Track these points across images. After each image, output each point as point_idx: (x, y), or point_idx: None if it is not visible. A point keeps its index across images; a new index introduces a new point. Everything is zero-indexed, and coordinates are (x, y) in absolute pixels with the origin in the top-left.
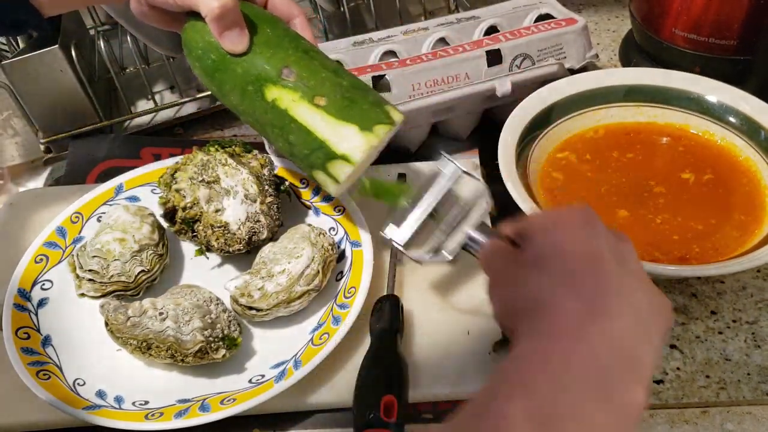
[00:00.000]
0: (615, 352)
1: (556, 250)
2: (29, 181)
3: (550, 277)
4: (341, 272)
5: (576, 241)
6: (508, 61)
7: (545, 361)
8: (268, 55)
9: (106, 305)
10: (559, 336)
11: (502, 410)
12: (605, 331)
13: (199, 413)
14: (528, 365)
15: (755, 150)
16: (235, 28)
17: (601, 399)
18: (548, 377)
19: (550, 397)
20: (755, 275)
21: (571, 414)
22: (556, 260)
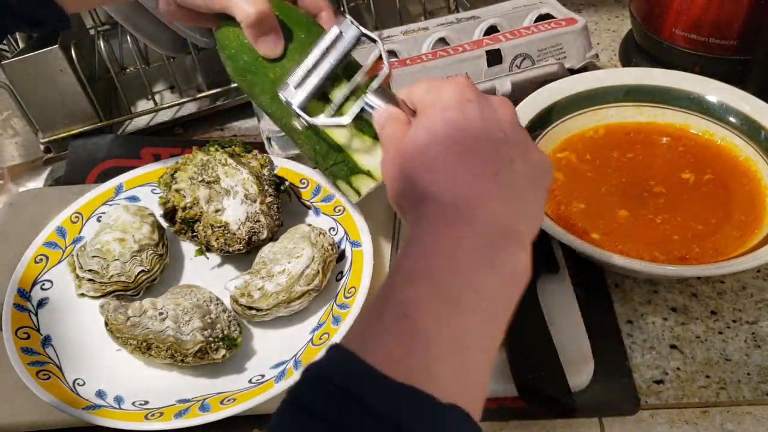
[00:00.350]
0: (493, 228)
1: (434, 136)
2: (29, 181)
3: (431, 164)
4: (341, 272)
5: (452, 124)
6: (508, 61)
7: (435, 245)
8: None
9: (106, 305)
10: (444, 222)
11: (406, 294)
12: (481, 211)
13: (199, 413)
14: (422, 250)
15: (755, 150)
16: (271, 33)
17: (489, 266)
18: (441, 258)
19: (446, 274)
20: (755, 275)
21: (467, 283)
22: (437, 147)
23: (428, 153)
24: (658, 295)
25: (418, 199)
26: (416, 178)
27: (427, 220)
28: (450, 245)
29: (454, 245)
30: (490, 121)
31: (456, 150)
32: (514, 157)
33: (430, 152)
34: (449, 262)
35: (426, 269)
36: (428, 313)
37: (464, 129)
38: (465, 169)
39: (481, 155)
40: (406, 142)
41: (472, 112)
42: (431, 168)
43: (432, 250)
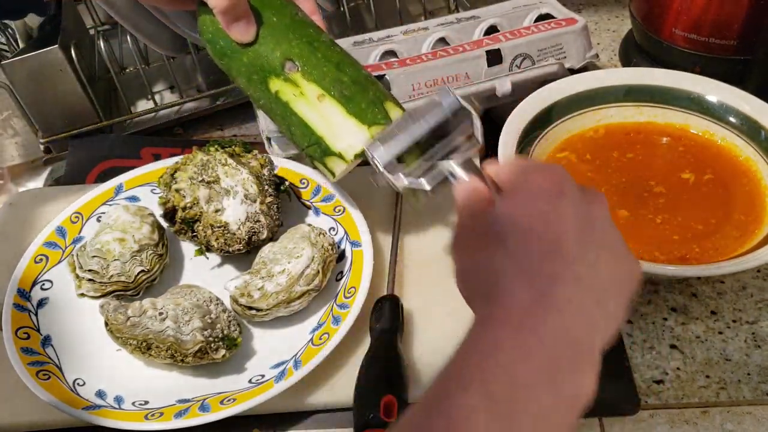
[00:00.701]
0: (564, 342)
1: (518, 226)
2: (29, 181)
3: (508, 258)
4: (341, 272)
5: (540, 217)
6: (508, 61)
7: (497, 351)
8: (272, 46)
9: (106, 305)
10: (510, 324)
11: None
12: (555, 321)
13: (199, 413)
14: (480, 356)
15: (755, 150)
16: (242, 19)
17: (552, 389)
18: (500, 370)
19: (504, 389)
20: (755, 275)
21: (525, 404)
22: (517, 237)
23: (507, 243)
24: (658, 295)
25: (487, 290)
26: (489, 269)
27: (493, 319)
28: (512, 355)
29: (516, 356)
30: (583, 218)
31: (538, 247)
32: (600, 261)
33: (510, 243)
34: (509, 376)
35: (483, 378)
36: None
37: (554, 222)
38: (544, 269)
39: (565, 255)
40: (486, 224)
41: (564, 206)
42: (508, 261)
43: (492, 357)
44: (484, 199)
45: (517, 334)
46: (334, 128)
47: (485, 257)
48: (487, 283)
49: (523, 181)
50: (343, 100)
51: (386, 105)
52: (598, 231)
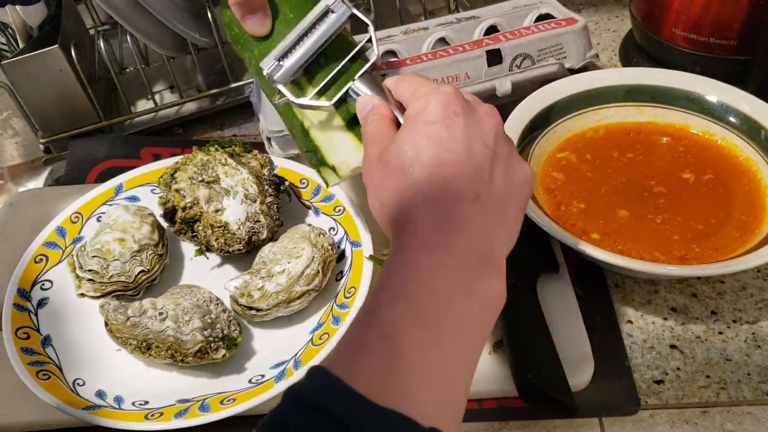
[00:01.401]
0: (471, 255)
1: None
2: (29, 181)
3: (413, 186)
4: (341, 272)
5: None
6: (508, 61)
7: (415, 270)
8: None
9: (105, 305)
10: (422, 246)
11: (388, 317)
12: (461, 238)
13: (199, 413)
14: (402, 276)
15: (755, 150)
16: (258, 12)
17: (466, 294)
18: (420, 284)
19: (425, 300)
20: (755, 275)
21: (445, 309)
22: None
23: (413, 173)
24: (658, 295)
25: (400, 218)
26: (399, 199)
27: (408, 244)
28: (429, 271)
29: (432, 271)
30: (475, 137)
31: (439, 172)
32: (496, 175)
33: (415, 172)
34: (428, 288)
35: (406, 294)
36: (409, 337)
37: (448, 148)
38: (447, 193)
39: (464, 177)
40: (391, 156)
41: (457, 129)
42: (414, 190)
43: (412, 275)
44: (388, 117)
45: (430, 254)
46: (333, 140)
47: (393, 187)
48: (398, 211)
49: (421, 106)
50: (344, 112)
51: None
52: (491, 145)
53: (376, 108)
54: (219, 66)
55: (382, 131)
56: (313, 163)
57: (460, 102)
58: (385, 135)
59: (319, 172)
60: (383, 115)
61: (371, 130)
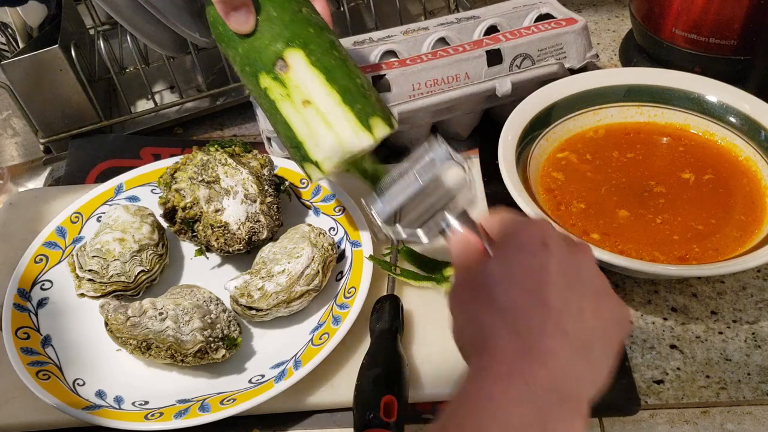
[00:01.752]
0: (552, 393)
1: (505, 280)
2: (29, 181)
3: (496, 312)
4: (341, 272)
5: (525, 271)
6: (508, 61)
7: (487, 401)
8: (267, 41)
9: (106, 305)
10: (501, 376)
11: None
12: (542, 373)
13: (199, 413)
14: (473, 405)
15: (755, 150)
16: (242, 9)
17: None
18: (490, 418)
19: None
20: (755, 275)
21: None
22: (504, 292)
23: (498, 298)
24: (658, 295)
25: (479, 343)
26: (480, 323)
27: (484, 371)
28: (501, 404)
29: (505, 405)
30: (567, 269)
31: (527, 297)
32: (586, 310)
33: (500, 298)
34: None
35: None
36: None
37: (539, 275)
38: (533, 321)
39: (551, 309)
40: (478, 281)
41: (549, 257)
42: (497, 315)
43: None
44: (477, 251)
45: (508, 385)
46: (316, 137)
47: (476, 312)
48: (478, 337)
49: (510, 236)
50: (328, 111)
51: (371, 121)
52: (583, 281)
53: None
54: (219, 66)
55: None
56: (297, 159)
57: (552, 232)
58: (473, 264)
59: (303, 168)
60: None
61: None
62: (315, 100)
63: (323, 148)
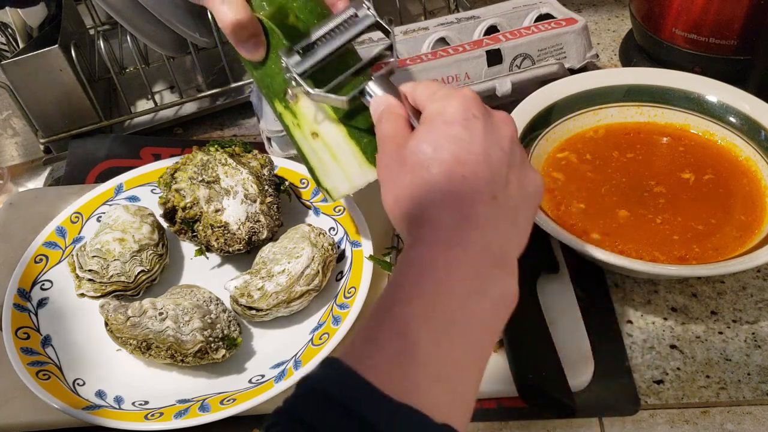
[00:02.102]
0: (486, 255)
1: (437, 153)
2: (29, 181)
3: (431, 185)
4: (341, 272)
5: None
6: (508, 61)
7: (431, 267)
8: (277, 70)
9: (106, 305)
10: (439, 244)
11: (402, 313)
12: (477, 238)
13: (199, 413)
14: (417, 272)
15: (755, 150)
16: (251, 41)
17: (480, 293)
18: (436, 282)
19: (440, 298)
20: (755, 275)
21: (459, 308)
22: (438, 164)
23: (431, 170)
24: (658, 295)
25: (416, 215)
26: (416, 195)
27: (424, 241)
28: (444, 270)
29: (448, 270)
30: (493, 141)
31: (458, 171)
32: (511, 179)
33: (433, 170)
34: (444, 286)
35: (421, 292)
36: (423, 333)
37: (468, 149)
38: (465, 192)
39: (482, 178)
40: (408, 152)
41: (476, 131)
42: (432, 187)
43: (428, 273)
44: (402, 117)
45: (447, 252)
46: (324, 166)
47: (410, 184)
48: (414, 207)
49: (438, 108)
50: (336, 144)
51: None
52: (507, 151)
53: (392, 107)
54: (219, 66)
55: (399, 129)
56: (312, 178)
57: (479, 106)
58: (401, 133)
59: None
60: (399, 114)
61: (386, 128)
62: (322, 133)
63: (332, 179)
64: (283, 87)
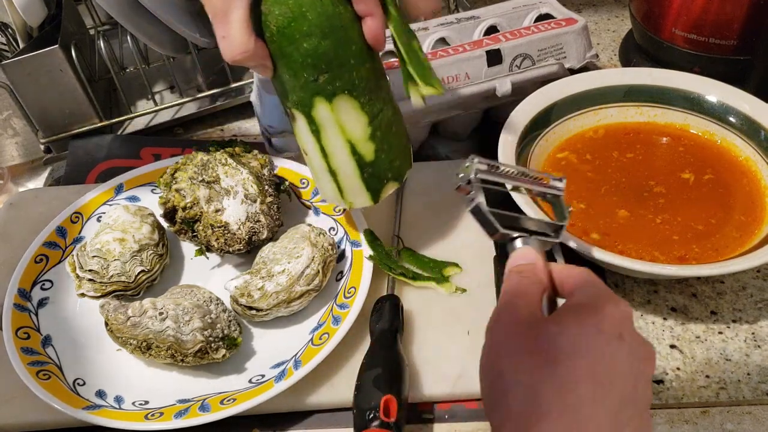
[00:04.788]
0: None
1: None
2: (29, 181)
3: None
4: (341, 272)
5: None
6: (508, 61)
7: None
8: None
9: (106, 305)
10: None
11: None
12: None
13: (199, 413)
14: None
15: (755, 150)
16: (257, 67)
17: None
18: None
19: None
20: (755, 275)
21: None
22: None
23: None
24: (658, 295)
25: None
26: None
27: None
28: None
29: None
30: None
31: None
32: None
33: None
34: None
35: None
36: None
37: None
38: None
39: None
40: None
41: (621, 354)
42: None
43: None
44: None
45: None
46: (320, 182)
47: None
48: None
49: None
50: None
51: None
52: (640, 391)
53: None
54: (219, 66)
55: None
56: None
57: (630, 324)
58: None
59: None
60: (540, 281)
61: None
62: (310, 156)
63: (327, 194)
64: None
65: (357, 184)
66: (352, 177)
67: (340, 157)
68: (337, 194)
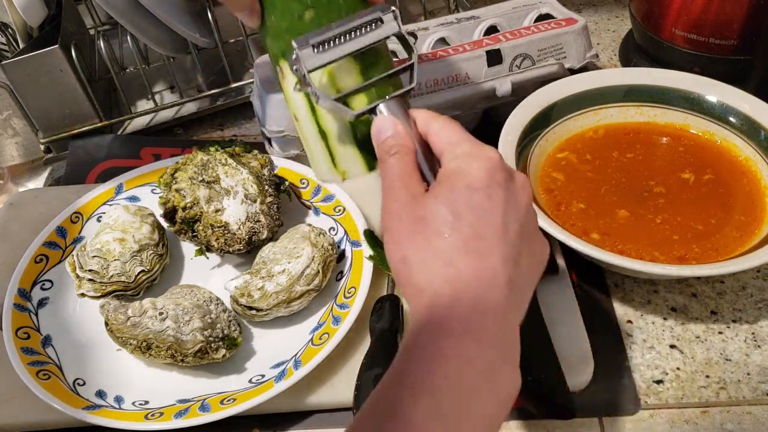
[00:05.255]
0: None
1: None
2: (29, 181)
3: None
4: (341, 272)
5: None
6: (508, 61)
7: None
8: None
9: (106, 305)
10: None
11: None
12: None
13: (199, 413)
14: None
15: (755, 150)
16: (245, 10)
17: (489, 390)
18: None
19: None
20: (755, 275)
21: (468, 409)
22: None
23: (447, 239)
24: (658, 295)
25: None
26: (429, 262)
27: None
28: (457, 365)
29: (459, 365)
30: (512, 214)
31: (476, 246)
32: (522, 253)
33: (450, 239)
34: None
35: (432, 389)
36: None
37: (488, 221)
38: (481, 273)
39: (498, 257)
40: (426, 212)
41: (498, 201)
42: (447, 259)
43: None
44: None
45: (458, 343)
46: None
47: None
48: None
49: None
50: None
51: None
52: (522, 221)
53: (400, 136)
54: (219, 66)
55: (409, 172)
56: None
57: (503, 171)
58: (413, 177)
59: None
60: (409, 150)
61: (395, 166)
62: (300, 120)
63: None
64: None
65: (349, 148)
66: (344, 137)
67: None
68: (330, 164)
